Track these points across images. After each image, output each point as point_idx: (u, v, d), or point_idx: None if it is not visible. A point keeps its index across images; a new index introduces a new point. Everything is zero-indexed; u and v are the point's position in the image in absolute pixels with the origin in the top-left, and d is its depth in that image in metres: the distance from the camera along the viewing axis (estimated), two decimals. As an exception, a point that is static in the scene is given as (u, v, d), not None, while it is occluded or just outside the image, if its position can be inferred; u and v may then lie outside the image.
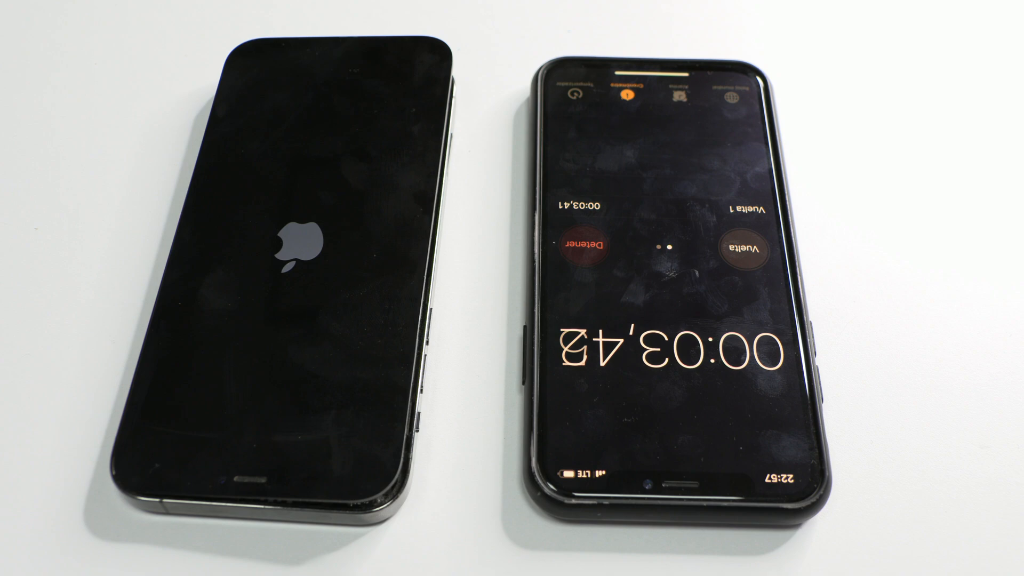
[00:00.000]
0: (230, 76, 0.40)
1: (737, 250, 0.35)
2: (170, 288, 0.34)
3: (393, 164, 0.37)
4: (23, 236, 0.37)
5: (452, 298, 0.36)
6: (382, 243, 0.35)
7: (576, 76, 0.40)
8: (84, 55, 0.43)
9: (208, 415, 0.31)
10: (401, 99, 0.39)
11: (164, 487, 0.30)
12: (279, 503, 0.30)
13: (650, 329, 0.33)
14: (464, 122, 0.41)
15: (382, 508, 0.30)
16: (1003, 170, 0.40)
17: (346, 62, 0.40)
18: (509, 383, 0.34)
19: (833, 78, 0.43)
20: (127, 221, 0.38)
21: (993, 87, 0.42)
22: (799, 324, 0.33)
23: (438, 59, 0.40)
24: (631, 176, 0.37)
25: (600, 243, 0.35)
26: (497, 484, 0.32)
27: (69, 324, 0.35)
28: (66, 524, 0.31)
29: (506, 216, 0.38)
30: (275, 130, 0.38)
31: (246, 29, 0.43)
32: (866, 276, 0.36)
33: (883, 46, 0.44)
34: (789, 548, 0.30)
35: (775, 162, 0.37)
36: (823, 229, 0.37)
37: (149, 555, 0.30)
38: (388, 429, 0.31)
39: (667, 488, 0.30)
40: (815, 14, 0.45)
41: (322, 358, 0.32)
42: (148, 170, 0.39)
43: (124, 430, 0.31)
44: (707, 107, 0.39)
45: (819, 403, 0.32)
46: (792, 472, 0.30)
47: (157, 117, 0.41)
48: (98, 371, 0.34)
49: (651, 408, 0.32)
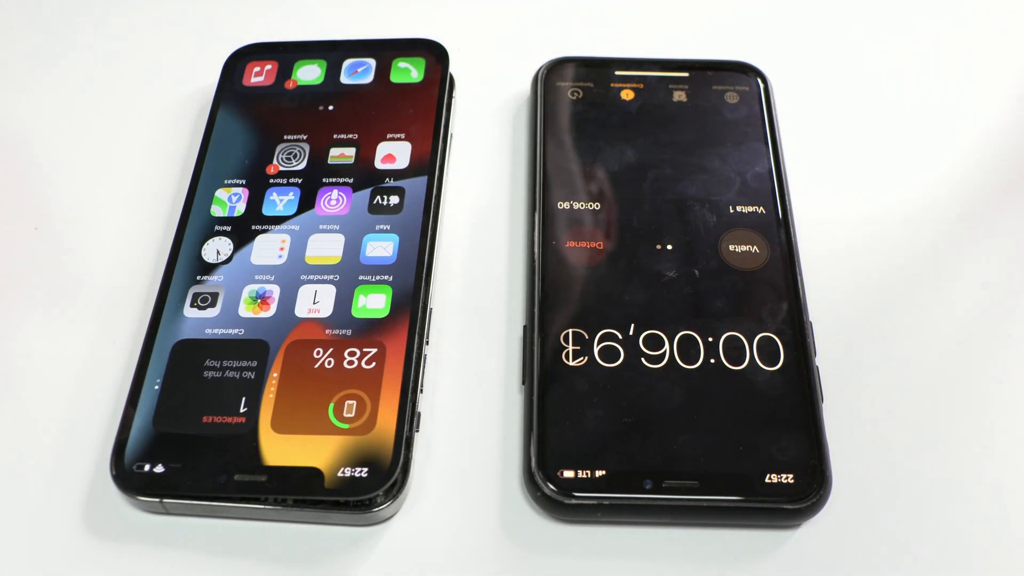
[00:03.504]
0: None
1: (737, 250, 0.35)
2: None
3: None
4: (23, 236, 0.37)
5: (452, 298, 0.36)
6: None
7: (576, 76, 0.40)
8: (84, 55, 0.43)
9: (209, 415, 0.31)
10: (400, 100, 0.39)
11: (164, 487, 0.30)
12: (279, 502, 0.30)
13: (650, 329, 0.33)
14: (464, 122, 0.41)
15: (382, 508, 0.30)
16: (1003, 170, 0.40)
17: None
18: (509, 383, 0.34)
19: (833, 78, 0.43)
20: (127, 221, 0.38)
21: (993, 87, 0.42)
22: (799, 324, 0.33)
23: (434, 60, 0.40)
24: (631, 176, 0.37)
25: (600, 243, 0.35)
26: (497, 484, 0.32)
27: (69, 324, 0.35)
28: (66, 524, 0.31)
29: (506, 216, 0.38)
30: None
31: (246, 30, 0.43)
32: (866, 276, 0.36)
33: (883, 46, 0.44)
34: (789, 548, 0.30)
35: (775, 162, 0.37)
36: (823, 229, 0.37)
37: (149, 555, 0.30)
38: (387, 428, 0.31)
39: (667, 488, 0.30)
40: (815, 14, 0.45)
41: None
42: (148, 170, 0.39)
43: (124, 430, 0.31)
44: (707, 107, 0.39)
45: (819, 403, 0.32)
46: (792, 472, 0.30)
47: (157, 117, 0.41)
48: (98, 371, 0.34)
49: (651, 408, 0.32)
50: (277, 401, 0.32)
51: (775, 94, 0.40)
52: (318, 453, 0.30)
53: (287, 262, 0.35)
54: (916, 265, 0.37)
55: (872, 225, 0.38)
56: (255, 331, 0.33)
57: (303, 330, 0.33)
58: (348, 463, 0.30)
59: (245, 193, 0.37)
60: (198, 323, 0.34)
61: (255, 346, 0.33)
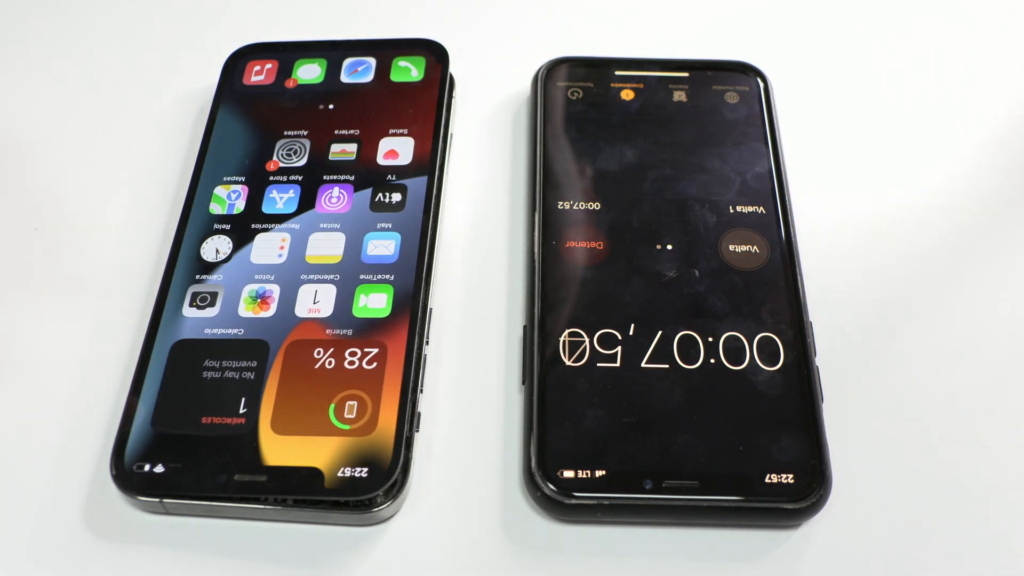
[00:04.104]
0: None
1: (737, 250, 0.35)
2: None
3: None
4: (23, 236, 0.37)
5: (452, 298, 0.36)
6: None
7: (576, 76, 0.40)
8: (84, 55, 0.43)
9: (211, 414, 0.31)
10: (400, 99, 0.39)
11: (164, 487, 0.30)
12: (279, 502, 0.30)
13: (650, 329, 0.33)
14: (464, 122, 0.41)
15: (382, 508, 0.30)
16: (1003, 169, 0.40)
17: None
18: (509, 383, 0.34)
19: (833, 78, 0.43)
20: (127, 221, 0.38)
21: (993, 87, 0.42)
22: (799, 324, 0.33)
23: (435, 60, 0.40)
24: (631, 176, 0.37)
25: (600, 243, 0.35)
26: (497, 484, 0.32)
27: (69, 324, 0.35)
28: (66, 524, 0.31)
29: (506, 216, 0.38)
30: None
31: (246, 30, 0.43)
32: (866, 276, 0.36)
33: (883, 46, 0.44)
34: (789, 548, 0.30)
35: (775, 162, 0.37)
36: (823, 229, 0.37)
37: (149, 555, 0.30)
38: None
39: (667, 488, 0.30)
40: (815, 14, 0.45)
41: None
42: (148, 170, 0.39)
43: (124, 430, 0.31)
44: (707, 107, 0.39)
45: (819, 403, 0.32)
46: (792, 472, 0.30)
47: (158, 117, 0.41)
48: (98, 371, 0.34)
49: (651, 408, 0.32)
50: (277, 402, 0.32)
51: (775, 94, 0.40)
52: (318, 453, 0.30)
53: (287, 261, 0.35)
54: (916, 265, 0.37)
55: (872, 225, 0.38)
56: (255, 331, 0.33)
57: (303, 330, 0.33)
58: (348, 463, 0.30)
59: (244, 191, 0.37)
60: (197, 323, 0.34)
61: (255, 346, 0.33)
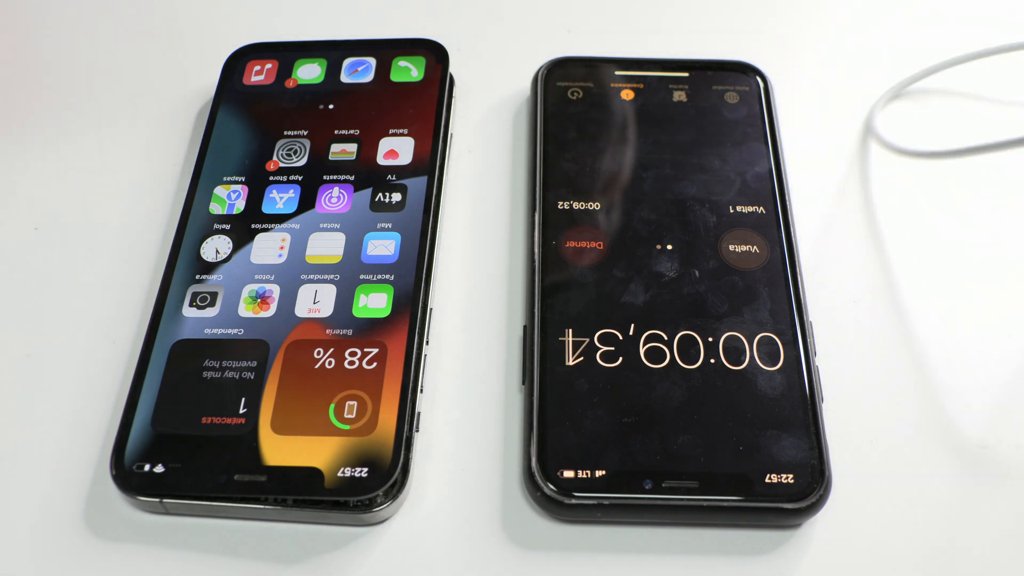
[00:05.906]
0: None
1: (737, 250, 0.35)
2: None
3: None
4: (23, 236, 0.37)
5: (452, 298, 0.36)
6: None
7: (576, 76, 0.40)
8: (84, 55, 0.43)
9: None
10: (400, 99, 0.39)
11: (164, 487, 0.30)
12: (279, 502, 0.30)
13: (650, 329, 0.33)
14: (464, 122, 0.41)
15: (382, 508, 0.30)
16: (1003, 169, 0.40)
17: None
18: (509, 383, 0.34)
19: (833, 78, 0.43)
20: (127, 221, 0.38)
21: (993, 86, 0.42)
22: (799, 324, 0.33)
23: (435, 60, 0.40)
24: (631, 176, 0.37)
25: (600, 243, 0.35)
26: (497, 484, 0.32)
27: (69, 324, 0.35)
28: (66, 524, 0.31)
29: (506, 216, 0.38)
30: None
31: (246, 30, 0.43)
32: (866, 276, 0.36)
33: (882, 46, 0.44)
34: (789, 548, 0.30)
35: (775, 162, 0.37)
36: (823, 229, 0.37)
37: (149, 555, 0.30)
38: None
39: (667, 488, 0.30)
40: (815, 14, 0.45)
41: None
42: (148, 170, 0.39)
43: (123, 430, 0.31)
44: (707, 107, 0.39)
45: (819, 403, 0.32)
46: (792, 472, 0.30)
47: (158, 117, 0.41)
48: (98, 371, 0.34)
49: (651, 408, 0.32)
50: (277, 402, 0.32)
51: (775, 94, 0.40)
52: (318, 453, 0.30)
53: (287, 261, 0.35)
54: (916, 264, 0.37)
55: (872, 224, 0.38)
56: (255, 331, 0.33)
57: (303, 330, 0.33)
58: (348, 463, 0.30)
59: (244, 190, 0.37)
60: (197, 323, 0.34)
61: (255, 346, 0.33)
